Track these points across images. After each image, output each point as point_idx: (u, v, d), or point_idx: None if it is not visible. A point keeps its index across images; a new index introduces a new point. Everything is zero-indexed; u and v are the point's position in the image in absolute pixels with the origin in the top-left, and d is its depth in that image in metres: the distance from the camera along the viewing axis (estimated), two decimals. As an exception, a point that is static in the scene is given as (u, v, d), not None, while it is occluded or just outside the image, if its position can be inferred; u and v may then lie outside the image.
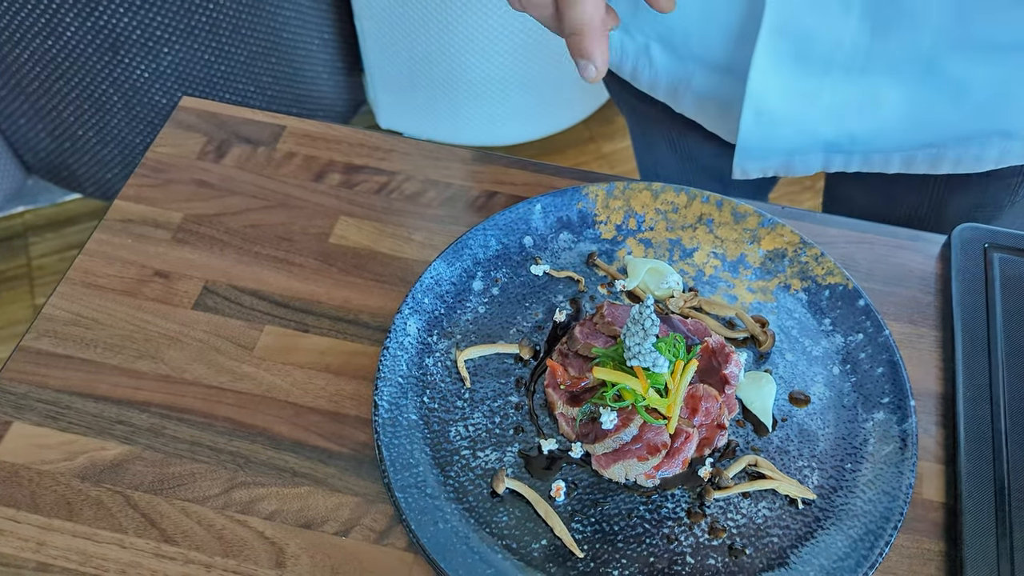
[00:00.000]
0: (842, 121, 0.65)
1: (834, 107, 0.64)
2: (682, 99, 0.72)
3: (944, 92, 0.60)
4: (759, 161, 0.69)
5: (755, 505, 0.52)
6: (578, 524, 0.51)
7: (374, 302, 0.61)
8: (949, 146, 0.64)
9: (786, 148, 0.68)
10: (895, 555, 0.51)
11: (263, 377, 0.57)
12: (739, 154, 0.69)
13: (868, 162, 0.68)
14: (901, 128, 0.64)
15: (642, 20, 0.68)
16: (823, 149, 0.68)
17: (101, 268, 0.62)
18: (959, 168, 0.66)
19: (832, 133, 0.66)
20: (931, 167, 0.66)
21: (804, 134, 0.66)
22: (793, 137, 0.67)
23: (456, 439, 0.54)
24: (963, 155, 0.65)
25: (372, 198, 0.67)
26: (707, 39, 0.65)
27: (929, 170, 0.67)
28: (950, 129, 0.63)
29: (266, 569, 0.50)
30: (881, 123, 0.64)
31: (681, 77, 0.70)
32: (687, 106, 0.72)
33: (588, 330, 0.57)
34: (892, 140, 0.65)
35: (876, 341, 0.57)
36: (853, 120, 0.64)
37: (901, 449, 0.53)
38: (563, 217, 0.64)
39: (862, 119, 0.64)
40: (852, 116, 0.64)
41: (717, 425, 0.54)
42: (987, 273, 0.62)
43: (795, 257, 0.62)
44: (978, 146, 0.64)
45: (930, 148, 0.65)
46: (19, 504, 0.52)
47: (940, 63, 0.59)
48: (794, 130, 0.66)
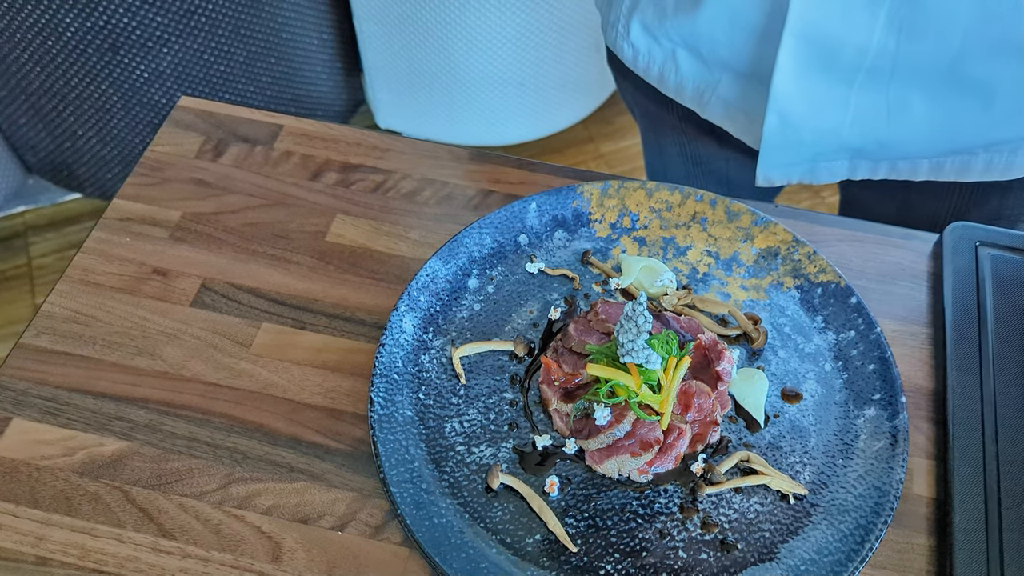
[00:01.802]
0: (869, 128, 0.63)
1: (860, 113, 0.63)
2: (708, 105, 0.71)
3: (972, 97, 0.60)
4: (783, 168, 0.68)
5: (747, 500, 0.53)
6: (572, 519, 0.52)
7: (370, 300, 0.62)
8: (978, 152, 0.63)
9: (811, 154, 0.67)
10: (885, 549, 0.52)
11: (260, 374, 0.58)
12: (763, 160, 0.67)
13: (895, 169, 0.67)
14: (929, 134, 0.63)
15: (669, 26, 0.67)
16: (849, 156, 0.67)
17: (100, 266, 0.63)
18: (988, 175, 0.65)
19: (858, 140, 0.65)
20: (960, 174, 0.65)
21: (829, 140, 0.65)
22: (818, 143, 0.65)
23: (451, 435, 0.55)
24: (993, 161, 0.64)
25: (368, 196, 0.68)
26: (733, 45, 0.64)
27: (958, 177, 0.66)
28: (979, 135, 0.62)
29: (263, 563, 0.50)
30: (909, 130, 0.63)
31: (708, 83, 0.69)
32: (713, 112, 0.71)
33: (582, 327, 0.58)
34: (920, 147, 0.64)
35: (868, 338, 0.58)
36: (880, 127, 0.63)
37: (892, 445, 0.53)
38: (558, 215, 0.65)
39: (890, 126, 0.63)
40: (879, 123, 0.63)
41: (710, 421, 0.54)
42: (978, 271, 0.62)
43: (788, 255, 0.62)
44: (1009, 152, 0.63)
45: (959, 155, 0.64)
46: (18, 499, 0.52)
47: (967, 68, 0.58)
48: (819, 136, 0.65)
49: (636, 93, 0.82)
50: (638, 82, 0.78)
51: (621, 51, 0.74)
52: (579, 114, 1.88)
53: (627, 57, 0.74)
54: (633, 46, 0.72)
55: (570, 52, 1.70)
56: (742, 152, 0.79)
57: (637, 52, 0.72)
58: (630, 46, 0.72)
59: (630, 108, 0.89)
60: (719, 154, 0.81)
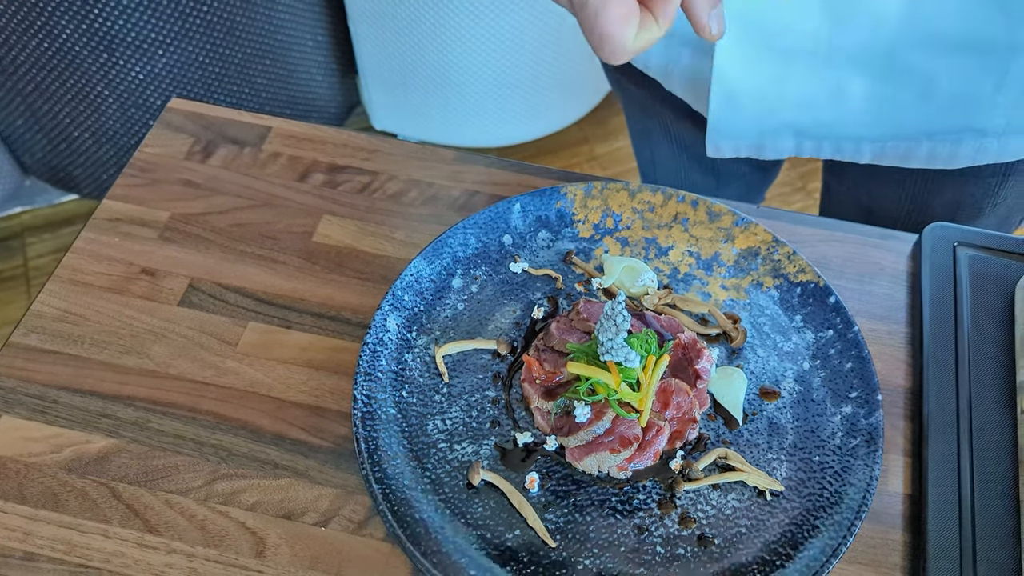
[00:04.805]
0: (809, 109, 0.66)
1: (800, 94, 0.65)
2: (671, 77, 0.74)
3: (909, 86, 0.61)
4: (731, 140, 0.71)
5: (725, 496, 0.53)
6: (551, 515, 0.53)
7: (355, 299, 0.63)
8: (920, 140, 0.65)
9: (756, 130, 0.70)
10: (860, 544, 0.53)
11: (246, 372, 0.59)
12: (711, 132, 0.70)
13: (839, 150, 0.70)
14: (868, 118, 0.65)
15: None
16: (793, 134, 0.69)
17: (89, 266, 0.64)
18: (933, 163, 0.67)
19: (800, 119, 0.67)
20: (902, 160, 0.68)
21: (772, 118, 0.68)
22: (761, 120, 0.68)
23: (433, 432, 0.56)
24: (936, 150, 0.66)
25: (355, 198, 0.68)
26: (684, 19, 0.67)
27: (900, 163, 0.68)
28: (919, 123, 0.64)
29: (247, 559, 0.51)
30: (847, 112, 0.65)
31: (671, 56, 0.72)
32: (676, 84, 0.74)
33: (564, 326, 0.59)
34: (860, 130, 0.67)
35: (845, 337, 0.59)
36: (820, 108, 0.66)
37: (868, 442, 0.54)
38: (542, 216, 0.66)
39: (829, 108, 0.65)
40: (819, 104, 0.65)
41: (688, 419, 0.55)
42: (956, 271, 0.63)
43: (768, 255, 0.63)
44: (951, 142, 0.65)
45: (900, 141, 0.66)
46: (6, 495, 0.53)
47: (902, 57, 0.60)
48: (762, 113, 0.68)
49: (619, 75, 0.84)
50: None
51: None
52: (573, 115, 1.89)
53: None
54: None
55: (564, 54, 1.70)
56: None
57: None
58: None
59: (615, 90, 0.91)
60: (700, 137, 0.83)
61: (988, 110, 0.62)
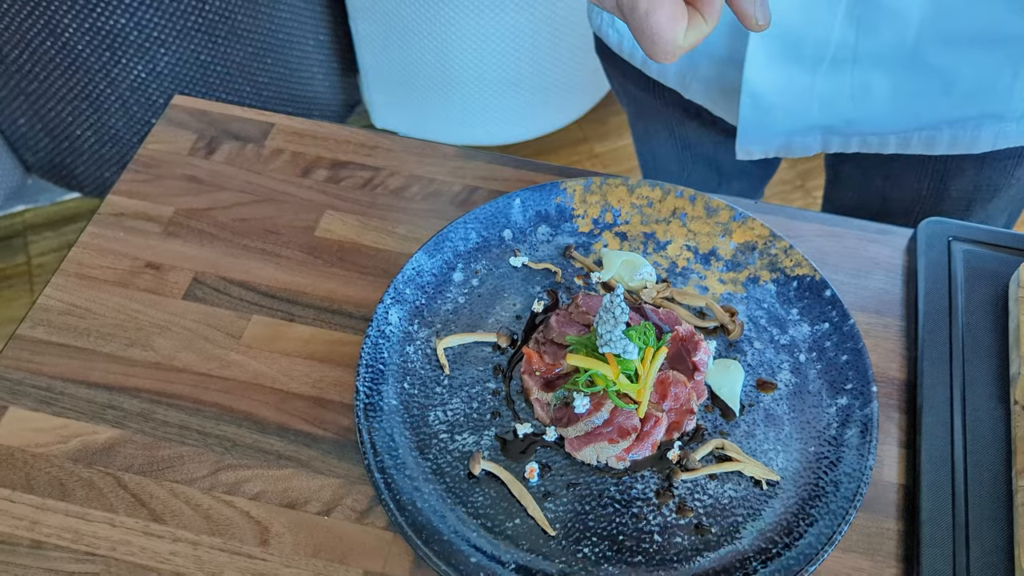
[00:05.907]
0: (835, 109, 0.68)
1: (826, 96, 0.67)
2: (690, 87, 0.76)
3: (932, 81, 0.64)
4: (760, 144, 0.73)
5: (721, 486, 0.54)
6: (551, 504, 0.53)
7: (357, 293, 0.63)
8: (943, 128, 0.68)
9: (785, 131, 0.72)
10: (855, 533, 0.53)
11: (250, 364, 0.59)
12: (741, 137, 0.72)
13: (866, 144, 0.71)
14: (893, 113, 0.67)
15: None
16: (821, 132, 0.71)
17: (94, 260, 0.65)
18: (955, 149, 0.69)
19: (827, 119, 0.69)
20: (927, 148, 0.70)
21: (800, 119, 0.70)
22: (790, 122, 0.70)
23: (435, 423, 0.56)
24: (958, 136, 0.68)
25: (357, 193, 0.69)
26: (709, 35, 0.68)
27: (925, 150, 0.70)
28: (941, 113, 0.66)
29: (251, 547, 0.52)
30: (873, 110, 0.67)
31: (689, 67, 0.74)
32: (695, 92, 0.76)
33: (563, 319, 0.59)
34: (886, 124, 0.69)
35: (841, 330, 0.59)
36: (846, 107, 0.68)
37: (863, 433, 0.55)
38: (541, 211, 0.66)
39: (855, 107, 0.67)
40: (845, 105, 0.67)
41: (686, 410, 0.56)
42: (950, 265, 0.64)
43: (765, 250, 0.64)
44: (973, 128, 0.67)
45: (924, 130, 0.68)
46: (14, 485, 0.54)
47: (925, 56, 0.62)
48: (790, 116, 0.70)
49: (623, 80, 0.85)
50: (625, 68, 0.81)
51: (607, 37, 0.77)
52: (574, 114, 1.90)
53: (612, 42, 0.77)
54: (618, 31, 0.76)
55: (565, 52, 1.71)
56: (728, 134, 0.82)
57: (622, 37, 0.76)
58: (615, 31, 0.76)
59: (618, 95, 0.92)
60: (706, 137, 0.84)
61: (1007, 98, 0.64)
